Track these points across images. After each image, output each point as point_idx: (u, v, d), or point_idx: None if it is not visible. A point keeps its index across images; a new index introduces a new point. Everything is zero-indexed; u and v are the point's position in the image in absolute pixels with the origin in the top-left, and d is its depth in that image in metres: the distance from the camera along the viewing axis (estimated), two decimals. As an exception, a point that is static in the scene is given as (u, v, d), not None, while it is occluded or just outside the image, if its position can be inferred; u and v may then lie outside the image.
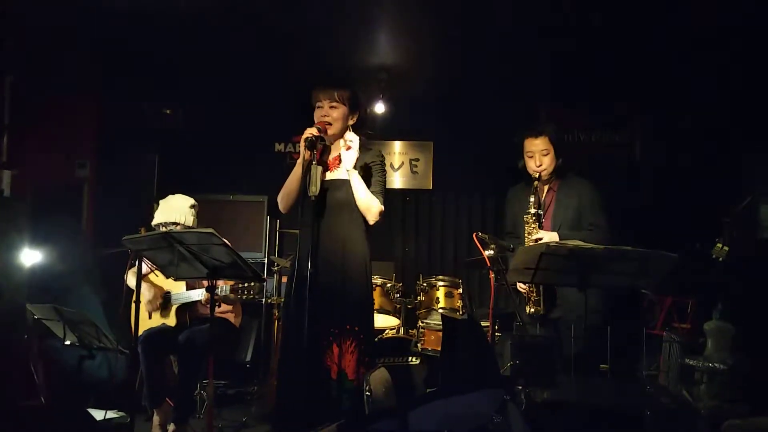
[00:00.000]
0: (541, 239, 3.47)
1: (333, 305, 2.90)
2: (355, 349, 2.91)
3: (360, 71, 5.44)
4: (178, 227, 3.88)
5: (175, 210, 3.94)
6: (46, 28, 4.61)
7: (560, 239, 3.43)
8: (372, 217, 3.00)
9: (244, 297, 3.82)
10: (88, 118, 5.56)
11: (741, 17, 4.29)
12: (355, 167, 2.99)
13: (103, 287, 4.73)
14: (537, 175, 3.60)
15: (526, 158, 3.67)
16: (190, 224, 3.94)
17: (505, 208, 3.90)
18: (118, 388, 4.18)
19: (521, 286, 3.60)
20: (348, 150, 2.94)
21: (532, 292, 3.56)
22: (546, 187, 3.68)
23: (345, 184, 3.00)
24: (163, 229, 3.87)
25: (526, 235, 3.58)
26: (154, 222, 3.95)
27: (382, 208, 3.02)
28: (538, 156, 3.61)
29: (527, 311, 3.60)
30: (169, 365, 4.14)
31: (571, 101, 5.91)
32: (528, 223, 3.58)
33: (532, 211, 3.57)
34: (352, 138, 2.96)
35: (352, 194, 2.98)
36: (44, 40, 4.71)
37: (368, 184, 3.02)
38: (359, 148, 3.02)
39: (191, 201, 4.02)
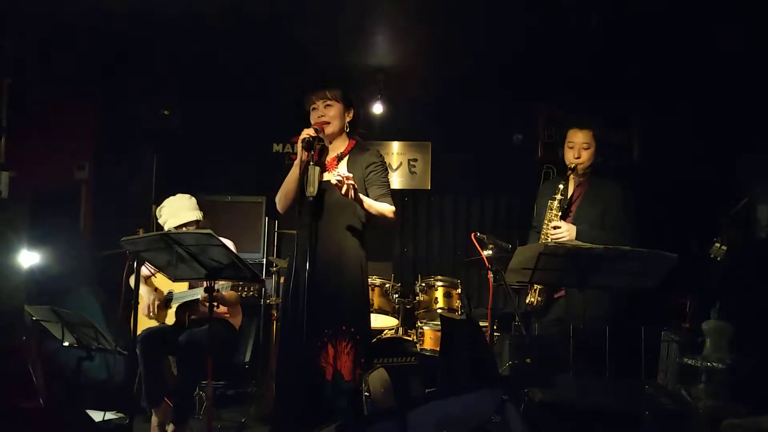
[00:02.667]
0: (558, 228, 3.43)
1: (329, 306, 2.89)
2: (351, 350, 2.90)
3: (358, 72, 5.44)
4: (196, 226, 3.90)
5: (187, 209, 3.95)
6: (45, 30, 4.61)
7: (578, 234, 3.40)
8: (388, 221, 3.03)
9: (245, 294, 3.84)
10: (87, 119, 5.56)
11: (739, 18, 4.30)
12: (356, 171, 3.01)
13: (101, 288, 4.73)
14: (572, 166, 3.55)
15: (566, 149, 3.62)
16: (202, 219, 3.97)
17: (537, 202, 3.84)
18: (116, 389, 4.19)
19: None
20: (343, 185, 2.78)
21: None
22: (577, 181, 3.63)
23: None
24: (184, 230, 3.86)
25: (546, 222, 3.54)
26: (167, 227, 3.89)
27: (393, 207, 3.05)
28: (578, 148, 3.56)
29: (528, 300, 3.57)
30: (167, 365, 4.14)
31: (569, 102, 5.92)
32: (551, 209, 3.53)
33: (558, 197, 3.52)
34: (342, 173, 2.82)
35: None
36: (42, 42, 4.71)
37: (374, 188, 3.04)
38: (357, 149, 3.08)
39: (193, 198, 4.03)
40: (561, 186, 3.54)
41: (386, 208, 3.01)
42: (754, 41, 4.46)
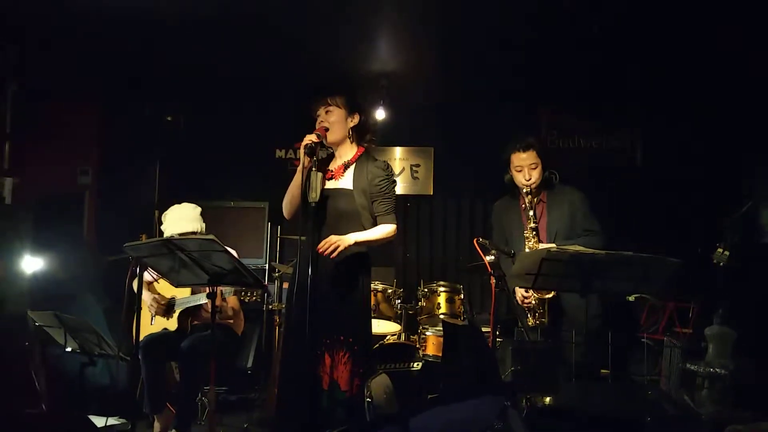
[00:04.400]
0: None
1: (329, 315, 2.87)
2: (348, 361, 2.88)
3: (361, 78, 5.45)
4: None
5: (189, 219, 3.96)
6: (47, 37, 4.63)
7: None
8: (390, 239, 3.02)
9: (247, 299, 3.83)
10: (90, 126, 5.58)
11: (739, 21, 4.30)
12: (361, 180, 3.01)
13: (104, 294, 4.73)
14: (527, 190, 3.56)
15: (515, 172, 3.62)
16: (203, 231, 3.97)
17: (493, 222, 3.87)
18: (119, 395, 4.19)
19: (525, 300, 3.57)
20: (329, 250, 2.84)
21: (539, 306, 3.54)
22: (535, 200, 3.64)
23: (346, 193, 3.01)
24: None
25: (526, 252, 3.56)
26: (167, 234, 3.91)
27: (394, 225, 3.02)
28: (527, 170, 3.56)
29: (531, 324, 3.58)
30: (170, 371, 4.14)
31: (572, 106, 5.92)
32: (528, 239, 3.54)
33: (531, 225, 3.53)
34: (323, 245, 2.84)
35: (353, 203, 2.98)
36: (45, 49, 4.73)
37: (377, 203, 3.02)
38: (365, 158, 3.07)
39: (198, 208, 4.05)
40: (531, 213, 3.53)
41: (387, 231, 2.99)
42: (755, 42, 4.47)
